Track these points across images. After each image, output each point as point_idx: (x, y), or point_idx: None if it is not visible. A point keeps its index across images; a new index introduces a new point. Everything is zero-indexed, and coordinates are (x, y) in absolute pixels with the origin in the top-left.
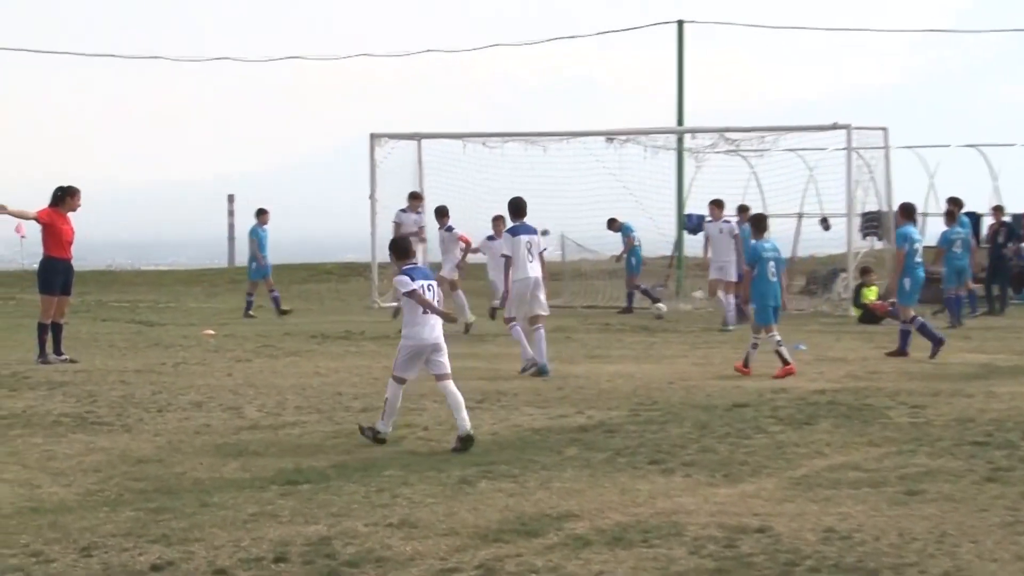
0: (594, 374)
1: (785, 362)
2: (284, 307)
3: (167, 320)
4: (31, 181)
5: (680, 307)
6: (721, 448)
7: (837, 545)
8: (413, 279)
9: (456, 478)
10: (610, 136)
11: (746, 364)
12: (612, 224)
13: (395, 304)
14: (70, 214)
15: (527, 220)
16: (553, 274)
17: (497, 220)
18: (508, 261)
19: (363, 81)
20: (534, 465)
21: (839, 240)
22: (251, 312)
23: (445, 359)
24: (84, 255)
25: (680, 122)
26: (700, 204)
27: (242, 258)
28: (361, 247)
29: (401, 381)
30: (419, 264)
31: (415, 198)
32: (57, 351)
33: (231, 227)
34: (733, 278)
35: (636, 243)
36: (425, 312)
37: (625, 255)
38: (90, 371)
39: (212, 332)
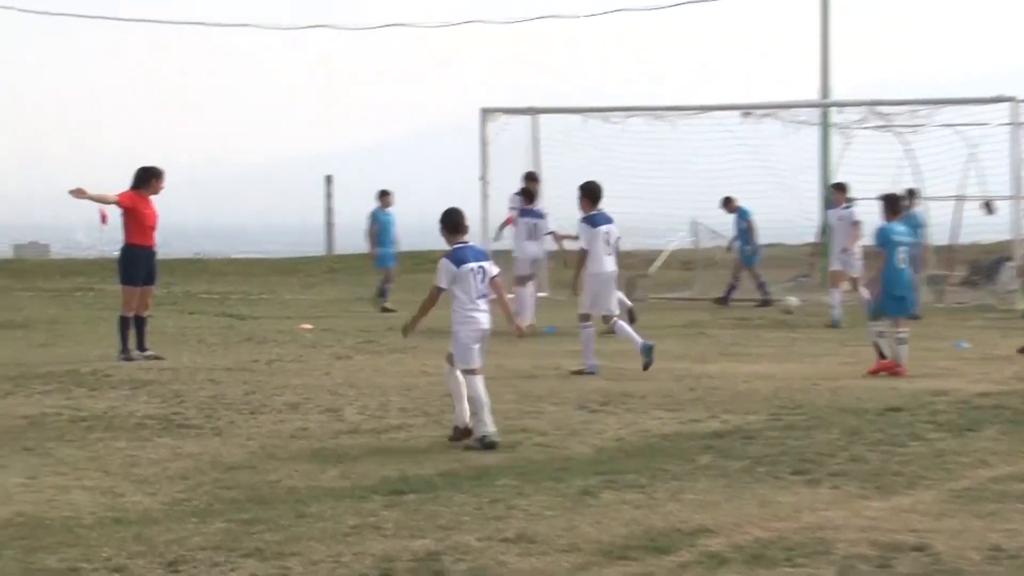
0: (730, 374)
1: (882, 356)
2: (388, 304)
3: (260, 313)
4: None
5: (822, 300)
6: (873, 457)
7: (1005, 565)
8: (458, 265)
9: (577, 488)
10: (747, 110)
11: (897, 363)
12: (728, 204)
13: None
14: (153, 197)
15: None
16: (684, 262)
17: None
18: (583, 254)
19: (473, 50)
20: (664, 474)
21: (1005, 225)
22: (387, 305)
23: (484, 351)
24: (169, 242)
25: (825, 95)
26: (848, 186)
27: (343, 244)
28: (471, 233)
29: (473, 372)
30: (470, 242)
31: (531, 180)
32: (141, 347)
33: (329, 211)
34: (856, 271)
35: (745, 228)
36: (477, 296)
37: (738, 242)
38: (177, 369)
39: (309, 326)
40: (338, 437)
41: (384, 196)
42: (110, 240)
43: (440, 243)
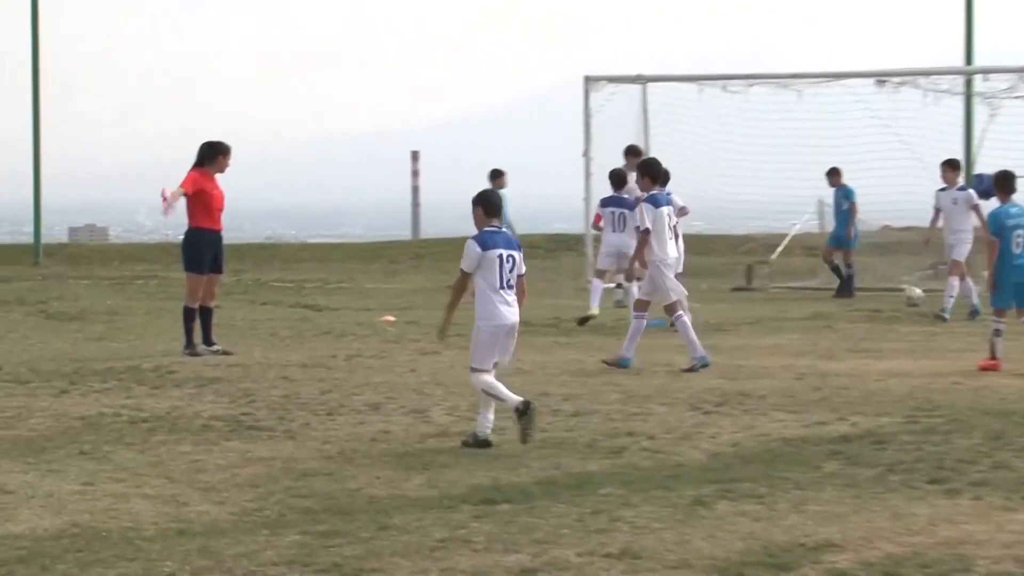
0: (860, 372)
1: (993, 356)
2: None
3: (338, 304)
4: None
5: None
6: (1019, 464)
7: None
8: (484, 248)
9: (689, 498)
10: (882, 78)
11: (992, 356)
12: (833, 177)
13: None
14: (219, 176)
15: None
16: (809, 248)
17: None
18: (645, 236)
19: (575, 12)
20: (785, 483)
21: None
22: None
23: (513, 346)
24: (239, 225)
25: (969, 61)
26: (994, 161)
27: (430, 227)
28: (573, 215)
29: (485, 372)
30: (501, 227)
31: (630, 154)
32: (207, 341)
33: (415, 190)
34: (962, 256)
35: (847, 209)
36: (501, 287)
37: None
38: (247, 365)
39: (392, 318)
40: (424, 441)
41: (497, 177)
42: (174, 224)
43: (535, 225)
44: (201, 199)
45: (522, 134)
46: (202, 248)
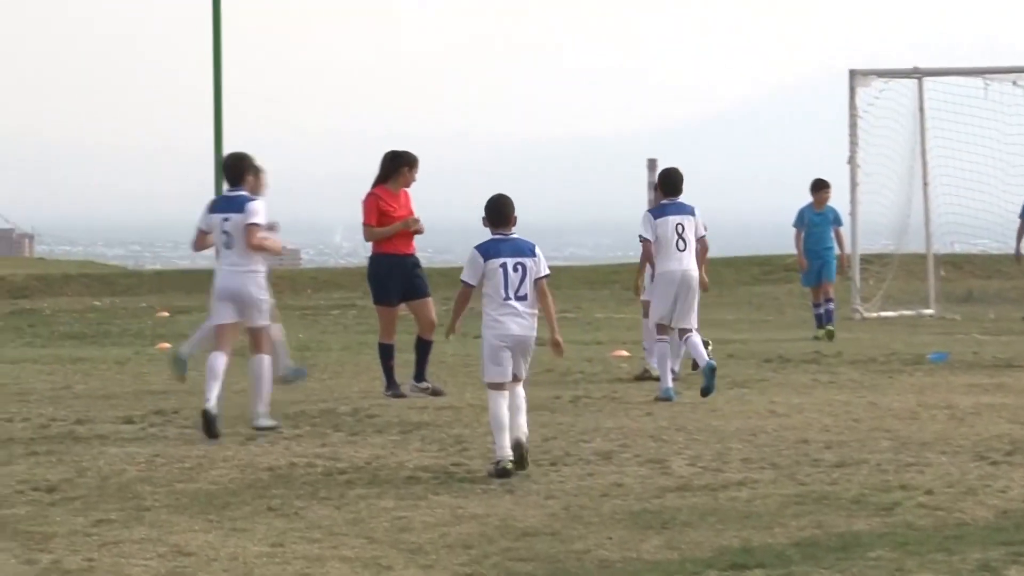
0: None
1: None
2: (830, 326)
3: (563, 336)
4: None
5: None
6: None
7: None
8: (485, 258)
9: (974, 563)
10: None
11: None
12: None
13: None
14: (407, 190)
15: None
16: None
17: None
18: (647, 247)
19: None
20: None
21: None
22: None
23: (526, 360)
24: (448, 245)
25: None
26: None
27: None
28: None
29: (499, 388)
30: (513, 235)
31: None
32: (418, 376)
33: (651, 203)
34: None
35: None
36: (508, 298)
37: None
38: (458, 407)
39: (626, 353)
40: (663, 496)
41: (819, 189)
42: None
43: (788, 246)
44: (383, 223)
45: (772, 139)
46: (387, 276)
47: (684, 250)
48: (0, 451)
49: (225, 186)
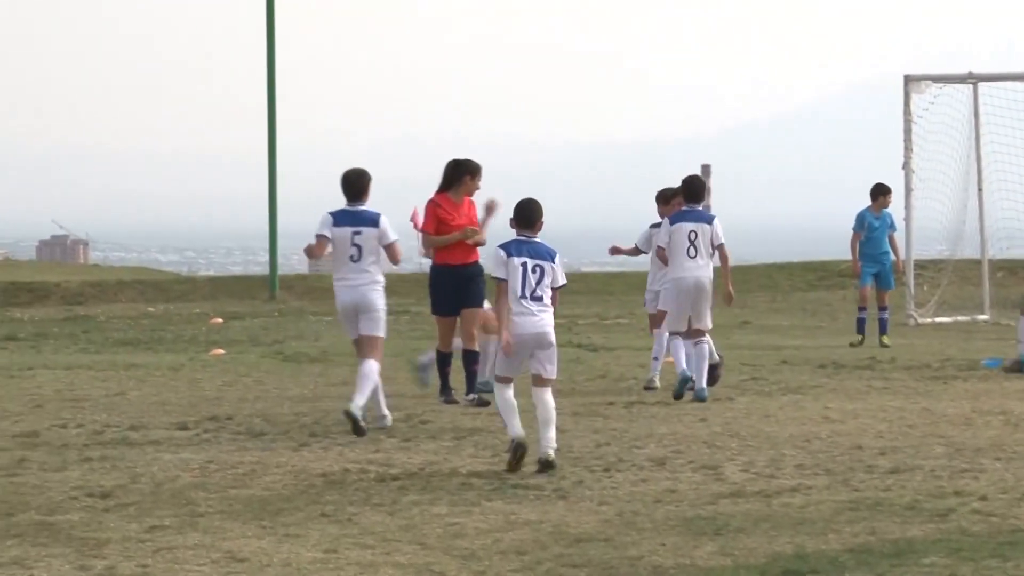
0: None
1: None
2: (884, 337)
3: (616, 343)
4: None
5: None
6: None
7: None
8: (508, 255)
9: None
10: None
11: None
12: None
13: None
14: (470, 199)
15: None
16: None
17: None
18: (660, 253)
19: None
20: None
21: None
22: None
23: (550, 359)
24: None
25: None
26: None
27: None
28: None
29: (505, 381)
30: (534, 238)
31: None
32: (471, 387)
33: (706, 208)
34: None
35: None
36: (523, 296)
37: None
38: None
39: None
40: (716, 502)
41: (879, 195)
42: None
43: (843, 251)
44: (441, 231)
45: (826, 143)
46: (442, 287)
47: (695, 257)
48: (54, 457)
49: (344, 201)
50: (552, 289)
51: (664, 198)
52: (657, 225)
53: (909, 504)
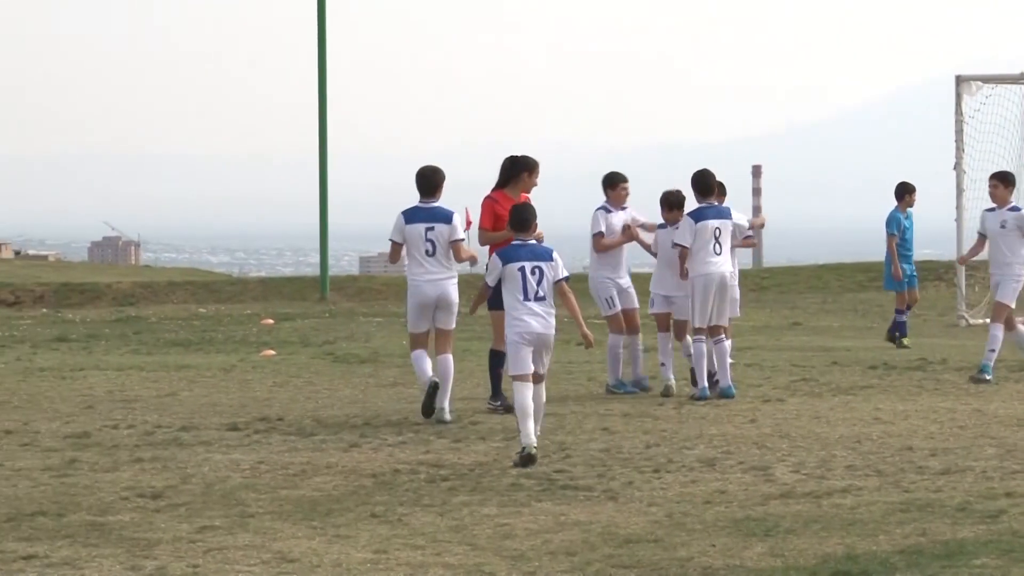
0: None
1: None
2: (904, 340)
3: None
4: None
5: None
6: None
7: None
8: (504, 262)
9: None
10: None
11: None
12: None
13: None
14: (527, 196)
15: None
16: None
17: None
18: (684, 253)
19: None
20: None
21: None
22: (899, 338)
23: (547, 358)
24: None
25: None
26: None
27: (772, 255)
28: (944, 239)
29: (523, 379)
30: (531, 241)
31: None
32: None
33: (755, 211)
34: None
35: None
36: (527, 299)
37: None
38: (561, 415)
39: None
40: (766, 503)
41: (905, 194)
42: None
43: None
44: (498, 227)
45: (877, 144)
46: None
47: (720, 253)
48: (105, 458)
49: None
50: (556, 282)
51: (668, 203)
52: (664, 226)
53: (960, 505)
